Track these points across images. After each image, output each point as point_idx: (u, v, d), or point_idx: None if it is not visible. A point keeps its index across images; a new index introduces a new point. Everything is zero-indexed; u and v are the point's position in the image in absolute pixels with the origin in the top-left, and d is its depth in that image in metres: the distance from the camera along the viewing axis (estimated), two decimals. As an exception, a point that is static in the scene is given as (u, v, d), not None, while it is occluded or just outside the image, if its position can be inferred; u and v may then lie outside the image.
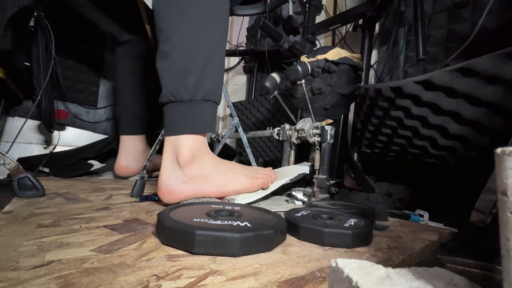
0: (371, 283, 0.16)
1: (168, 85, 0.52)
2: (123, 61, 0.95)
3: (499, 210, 0.14)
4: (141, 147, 0.96)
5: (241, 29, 1.80)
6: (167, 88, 0.52)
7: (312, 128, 0.72)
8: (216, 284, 0.22)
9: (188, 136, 0.52)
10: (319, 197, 0.65)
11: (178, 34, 0.52)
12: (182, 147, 0.51)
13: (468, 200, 0.42)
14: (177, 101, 0.52)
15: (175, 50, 0.52)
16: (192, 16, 0.53)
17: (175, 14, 0.53)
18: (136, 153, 0.94)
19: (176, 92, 0.52)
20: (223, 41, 0.59)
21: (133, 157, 0.93)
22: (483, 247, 0.33)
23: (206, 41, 0.54)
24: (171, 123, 0.53)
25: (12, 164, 0.52)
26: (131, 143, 0.95)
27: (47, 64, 0.92)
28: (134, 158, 0.93)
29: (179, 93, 0.52)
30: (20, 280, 0.20)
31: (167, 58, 0.53)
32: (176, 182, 0.50)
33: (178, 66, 0.52)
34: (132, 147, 0.94)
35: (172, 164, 0.52)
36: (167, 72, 0.53)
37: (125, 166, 0.92)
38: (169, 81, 0.53)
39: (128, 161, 0.93)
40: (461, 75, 0.57)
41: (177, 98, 0.52)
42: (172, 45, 0.52)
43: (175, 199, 0.50)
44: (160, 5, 0.53)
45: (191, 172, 0.51)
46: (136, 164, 0.93)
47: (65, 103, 1.23)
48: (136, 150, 0.94)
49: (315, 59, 0.84)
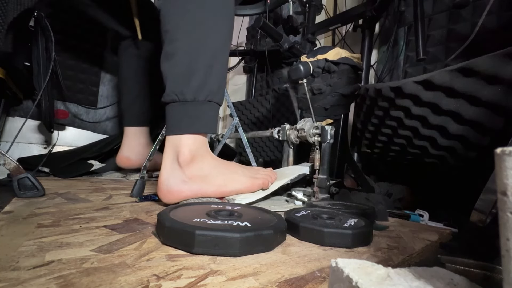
0: (371, 283, 0.16)
1: (171, 85, 0.53)
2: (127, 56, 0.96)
3: (499, 210, 0.14)
4: (144, 141, 0.97)
5: (241, 29, 1.80)
6: (171, 88, 0.53)
7: (312, 128, 0.72)
8: (216, 284, 0.22)
9: (189, 136, 0.52)
10: (319, 197, 0.65)
11: (183, 36, 0.53)
12: (183, 146, 0.51)
13: (468, 200, 0.42)
14: (180, 101, 0.52)
15: (180, 52, 0.53)
16: (198, 18, 0.53)
17: (181, 16, 0.53)
18: (138, 146, 0.95)
19: (179, 92, 0.52)
20: (228, 44, 0.60)
21: (136, 150, 0.95)
22: (483, 247, 0.33)
23: (211, 43, 0.54)
24: (173, 122, 0.53)
25: (12, 164, 0.52)
26: (135, 136, 0.96)
27: (47, 64, 0.92)
28: (137, 151, 0.95)
29: (183, 93, 0.52)
30: (20, 280, 0.20)
31: (171, 59, 0.53)
32: (176, 182, 0.50)
33: (182, 67, 0.52)
34: (135, 140, 0.96)
35: (172, 163, 0.52)
36: (171, 73, 0.53)
37: (127, 157, 0.93)
38: (173, 81, 0.53)
39: (130, 152, 0.94)
40: (461, 75, 0.57)
41: (180, 98, 0.52)
42: (177, 46, 0.53)
43: (175, 199, 0.50)
44: (166, 7, 0.54)
45: (191, 172, 0.51)
46: (137, 157, 0.94)
47: (65, 103, 1.23)
48: (139, 143, 0.96)
49: (315, 59, 0.84)
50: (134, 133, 0.96)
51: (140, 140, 0.96)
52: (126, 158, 0.94)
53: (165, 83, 0.53)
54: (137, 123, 0.97)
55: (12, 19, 0.63)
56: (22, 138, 1.11)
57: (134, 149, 0.95)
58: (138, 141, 0.96)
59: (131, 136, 0.96)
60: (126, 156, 0.94)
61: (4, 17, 0.63)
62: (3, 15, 0.63)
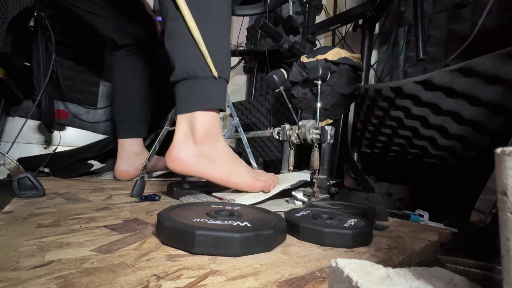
0: (371, 283, 0.16)
1: (181, 63, 0.52)
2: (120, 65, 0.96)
3: (499, 210, 0.14)
4: (137, 150, 0.96)
5: (241, 29, 1.80)
6: (180, 65, 0.52)
7: (312, 128, 0.72)
8: (216, 284, 0.22)
9: (203, 112, 0.52)
10: (319, 197, 0.65)
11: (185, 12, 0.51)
12: (197, 122, 0.52)
13: (468, 200, 0.42)
14: (191, 77, 0.52)
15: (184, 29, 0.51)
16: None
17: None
18: (133, 156, 0.95)
19: (190, 69, 0.52)
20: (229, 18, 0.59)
21: (131, 160, 0.94)
22: (483, 247, 0.33)
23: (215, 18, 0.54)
24: (185, 100, 0.53)
25: (12, 164, 0.52)
26: (128, 146, 0.95)
27: (47, 64, 0.92)
28: (132, 161, 0.94)
29: (193, 70, 0.52)
30: (20, 280, 0.20)
31: (176, 37, 0.52)
32: (187, 154, 0.51)
33: (189, 44, 0.52)
34: (128, 150, 0.95)
35: (186, 138, 0.52)
36: (178, 51, 0.53)
37: (125, 171, 0.93)
38: (181, 60, 0.52)
39: (127, 165, 0.94)
40: (461, 75, 0.57)
41: (191, 75, 0.52)
42: (179, 24, 0.51)
43: (181, 169, 0.51)
44: None
45: (204, 149, 0.52)
46: (134, 167, 0.94)
47: (65, 103, 1.23)
48: (133, 153, 0.95)
49: (315, 59, 0.84)
50: (129, 144, 0.95)
51: (135, 150, 0.96)
52: (124, 172, 0.93)
53: (173, 62, 0.53)
54: (131, 135, 0.96)
55: (11, 19, 0.63)
56: (22, 138, 1.11)
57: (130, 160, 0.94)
58: (133, 151, 0.95)
59: (127, 147, 0.95)
60: (125, 170, 0.93)
61: (4, 17, 0.63)
62: (3, 15, 0.62)
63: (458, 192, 0.70)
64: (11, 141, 0.89)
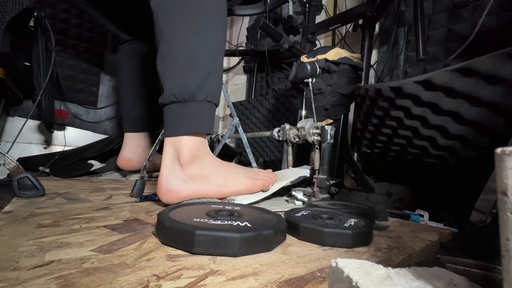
0: (371, 283, 0.16)
1: (170, 86, 0.52)
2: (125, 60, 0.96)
3: (499, 210, 0.14)
4: (144, 143, 0.98)
5: (241, 29, 1.80)
6: (169, 89, 0.52)
7: (312, 128, 0.72)
8: (216, 284, 0.22)
9: (189, 136, 0.52)
10: (319, 197, 0.65)
11: (179, 36, 0.52)
12: (183, 146, 0.51)
13: (468, 200, 0.42)
14: (179, 101, 0.52)
15: (177, 52, 0.52)
16: (194, 17, 0.53)
17: (176, 15, 0.53)
18: (139, 148, 0.96)
19: (178, 93, 0.52)
20: (224, 43, 0.59)
21: (136, 152, 0.95)
22: (483, 247, 0.33)
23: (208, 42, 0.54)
24: (173, 123, 0.53)
25: (12, 164, 0.52)
26: (134, 139, 0.97)
27: (47, 64, 0.92)
28: (137, 153, 0.95)
29: (182, 94, 0.52)
30: (20, 280, 0.20)
31: (168, 60, 0.52)
32: (176, 182, 0.50)
33: (180, 67, 0.52)
34: (135, 142, 0.96)
35: (173, 163, 0.52)
36: (169, 73, 0.53)
37: (128, 158, 0.94)
38: (170, 82, 0.52)
39: (131, 154, 0.95)
40: (461, 75, 0.57)
41: (179, 99, 0.52)
42: (173, 46, 0.52)
43: (175, 198, 0.50)
44: (160, 7, 0.53)
45: (192, 171, 0.51)
46: (138, 158, 0.95)
47: (65, 103, 1.23)
48: (140, 146, 0.96)
49: (315, 59, 0.84)
50: (134, 137, 0.97)
51: (140, 143, 0.97)
52: (127, 159, 0.94)
53: (162, 84, 0.53)
54: (136, 129, 0.97)
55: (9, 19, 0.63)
56: (22, 138, 1.11)
57: (135, 151, 0.95)
58: (139, 143, 0.97)
59: (131, 139, 0.96)
60: (128, 158, 0.94)
61: (3, 17, 0.63)
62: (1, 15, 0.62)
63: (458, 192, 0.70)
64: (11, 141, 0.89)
